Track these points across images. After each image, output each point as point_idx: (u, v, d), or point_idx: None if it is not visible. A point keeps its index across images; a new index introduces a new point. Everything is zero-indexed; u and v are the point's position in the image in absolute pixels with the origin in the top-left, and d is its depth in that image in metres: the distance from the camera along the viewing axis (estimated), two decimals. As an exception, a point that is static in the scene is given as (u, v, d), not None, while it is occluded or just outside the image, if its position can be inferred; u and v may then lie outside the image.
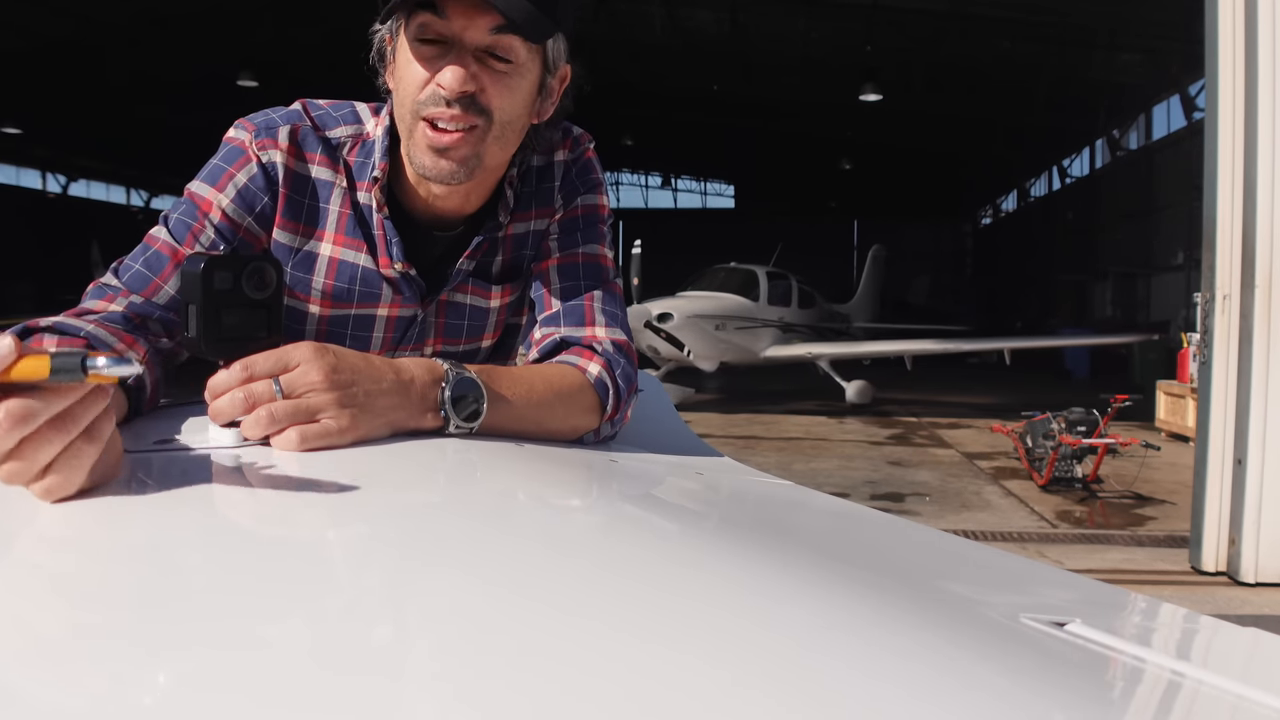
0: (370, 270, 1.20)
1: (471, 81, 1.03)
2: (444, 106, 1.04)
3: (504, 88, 1.06)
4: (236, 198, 1.14)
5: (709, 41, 16.67)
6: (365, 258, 1.19)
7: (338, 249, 1.19)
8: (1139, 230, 18.64)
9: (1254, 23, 4.84)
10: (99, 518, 0.61)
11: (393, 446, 0.86)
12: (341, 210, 1.18)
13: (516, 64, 1.06)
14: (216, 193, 1.14)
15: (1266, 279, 4.88)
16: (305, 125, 1.17)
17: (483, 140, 1.07)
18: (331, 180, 1.18)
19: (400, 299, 1.22)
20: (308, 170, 1.17)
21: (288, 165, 1.15)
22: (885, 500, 7.04)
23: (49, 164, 26.54)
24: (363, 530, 0.64)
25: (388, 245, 1.18)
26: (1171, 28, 11.35)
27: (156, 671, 0.38)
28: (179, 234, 1.13)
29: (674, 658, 0.42)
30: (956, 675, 0.44)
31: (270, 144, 1.14)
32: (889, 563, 0.71)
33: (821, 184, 29.07)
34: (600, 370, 1.14)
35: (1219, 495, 5.02)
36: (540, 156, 1.24)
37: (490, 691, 0.37)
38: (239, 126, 1.16)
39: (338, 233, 1.18)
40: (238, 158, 1.15)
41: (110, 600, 0.47)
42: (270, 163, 1.14)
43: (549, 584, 0.51)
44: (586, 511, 0.76)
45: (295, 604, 0.47)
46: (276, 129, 1.15)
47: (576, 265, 1.23)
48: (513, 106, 1.08)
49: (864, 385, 12.60)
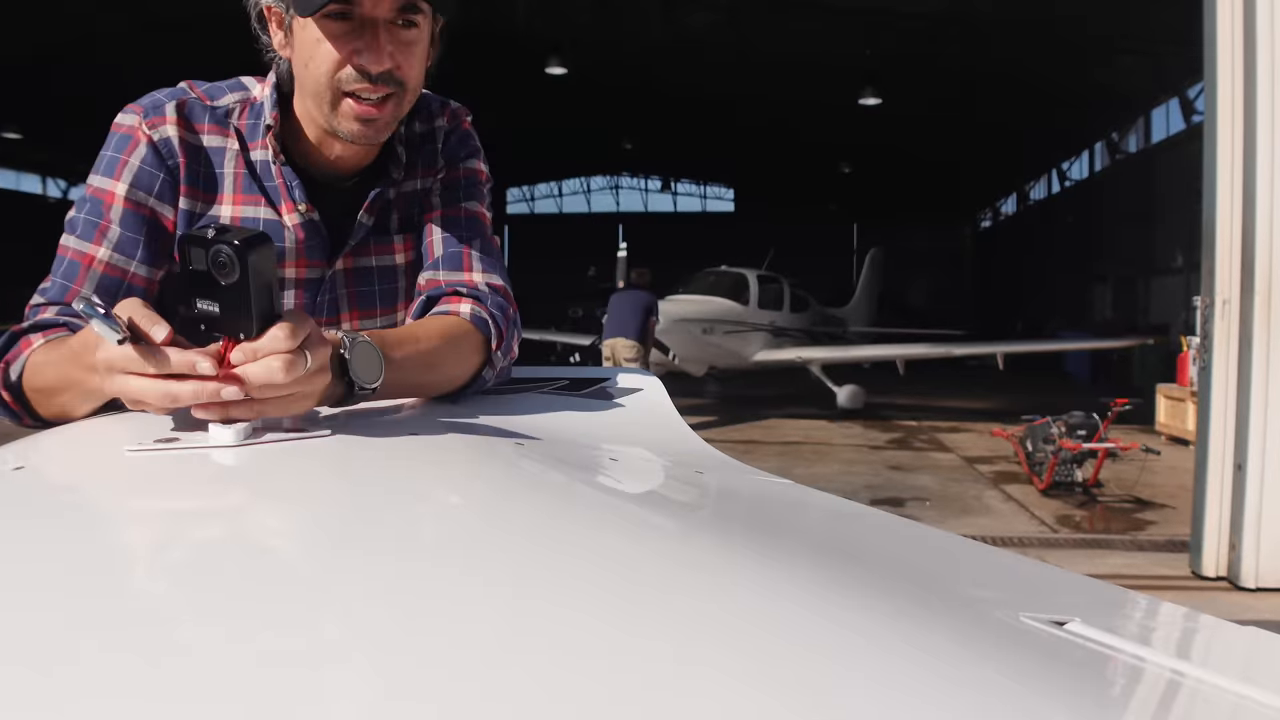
0: (272, 221, 1.22)
1: (389, 59, 1.10)
2: (366, 82, 1.11)
3: (412, 57, 1.14)
4: (134, 182, 1.17)
5: (709, 45, 16.70)
6: (265, 210, 1.22)
7: (236, 208, 1.22)
8: (1138, 233, 18.66)
9: (1253, 26, 4.84)
10: (99, 517, 0.61)
11: (392, 446, 0.86)
12: (236, 171, 1.22)
13: (420, 30, 1.14)
14: (115, 182, 1.17)
15: (1266, 284, 4.88)
16: (191, 98, 1.21)
17: (399, 105, 1.16)
18: (223, 146, 1.22)
19: (305, 253, 1.25)
20: (199, 140, 1.21)
21: (181, 138, 1.18)
22: (886, 505, 7.03)
23: (48, 169, 26.55)
24: (363, 529, 0.64)
25: (289, 190, 1.22)
26: (1170, 31, 11.36)
27: (156, 672, 0.38)
28: (87, 235, 1.16)
29: (675, 657, 0.42)
30: (955, 673, 0.44)
31: (159, 121, 1.18)
32: (889, 561, 0.71)
33: (821, 187, 29.09)
34: (471, 306, 1.21)
35: (1219, 500, 5.02)
36: (421, 124, 1.33)
37: (491, 691, 0.37)
38: (126, 112, 1.19)
39: (235, 193, 1.22)
40: (127, 143, 1.18)
41: (110, 600, 0.47)
42: (163, 139, 1.18)
43: (549, 584, 0.51)
44: (586, 510, 0.76)
45: (295, 604, 0.47)
46: (163, 106, 1.19)
47: (459, 219, 1.31)
48: (419, 72, 1.17)
49: (856, 390, 12.54)
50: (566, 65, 16.36)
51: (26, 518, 0.63)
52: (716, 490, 0.98)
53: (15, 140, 22.08)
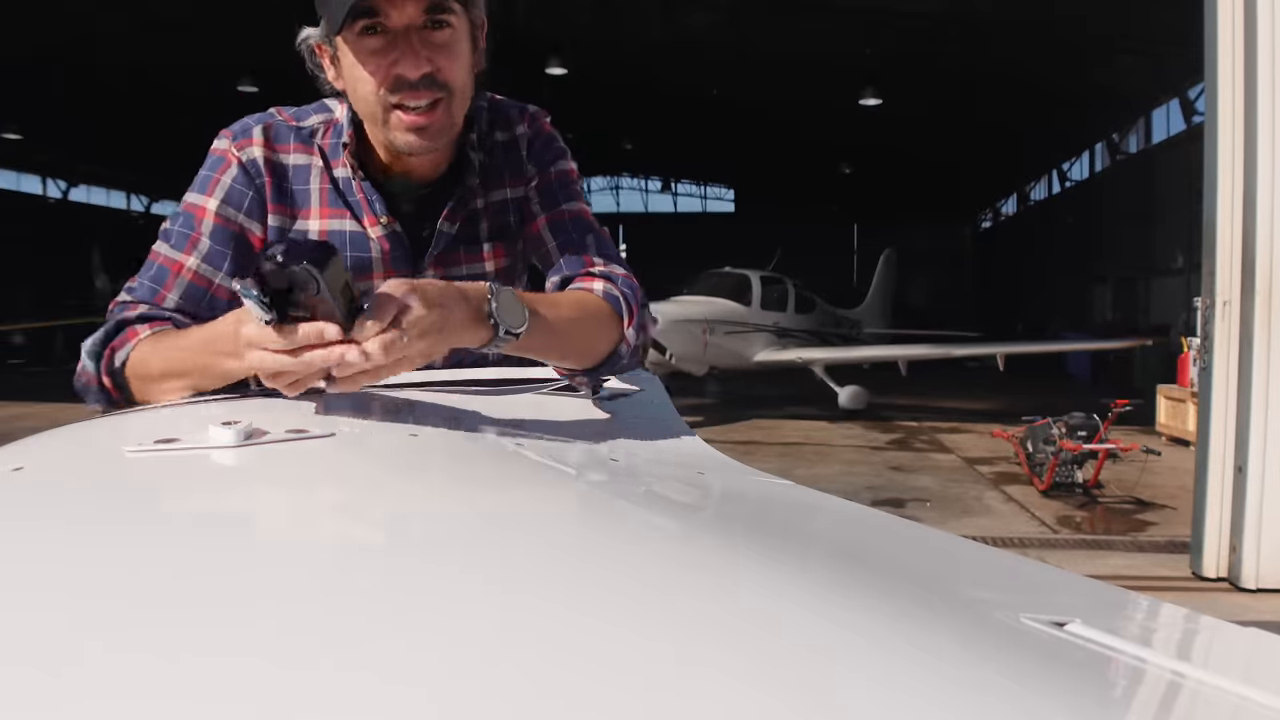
0: (358, 234, 1.30)
1: (427, 63, 1.15)
2: (409, 91, 1.16)
3: (451, 57, 1.18)
4: (225, 199, 1.27)
5: (709, 45, 16.69)
6: (350, 223, 1.30)
7: (324, 221, 1.30)
8: (1139, 234, 18.65)
9: (1253, 27, 4.84)
10: (99, 517, 0.61)
11: (392, 446, 0.86)
12: (321, 187, 1.30)
13: (454, 30, 1.18)
14: (207, 199, 1.27)
15: (1267, 285, 4.88)
16: (277, 120, 1.30)
17: (449, 109, 1.20)
18: (308, 164, 1.30)
19: (390, 263, 1.31)
20: (285, 159, 1.29)
21: (266, 158, 1.28)
22: (886, 506, 7.03)
23: (49, 169, 26.54)
24: (364, 529, 0.64)
25: (370, 204, 1.30)
26: (1170, 31, 11.36)
27: (158, 672, 0.38)
28: (179, 245, 1.26)
29: (676, 658, 0.42)
30: (956, 674, 0.44)
31: (247, 143, 1.28)
32: (890, 562, 0.71)
33: (822, 187, 29.08)
34: (604, 285, 1.27)
35: (1220, 501, 5.02)
36: (503, 132, 1.38)
37: (492, 691, 0.37)
38: (220, 136, 1.30)
39: (321, 207, 1.30)
40: (220, 164, 1.28)
41: (111, 601, 0.47)
42: (250, 160, 1.27)
43: (549, 584, 0.51)
44: (586, 510, 0.76)
45: (296, 604, 0.47)
46: (251, 129, 1.29)
47: (564, 221, 1.36)
48: (462, 70, 1.21)
49: (858, 390, 12.51)
50: (566, 65, 16.35)
51: (26, 518, 0.63)
52: (717, 491, 0.98)
53: (15, 140, 22.09)
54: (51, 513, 0.62)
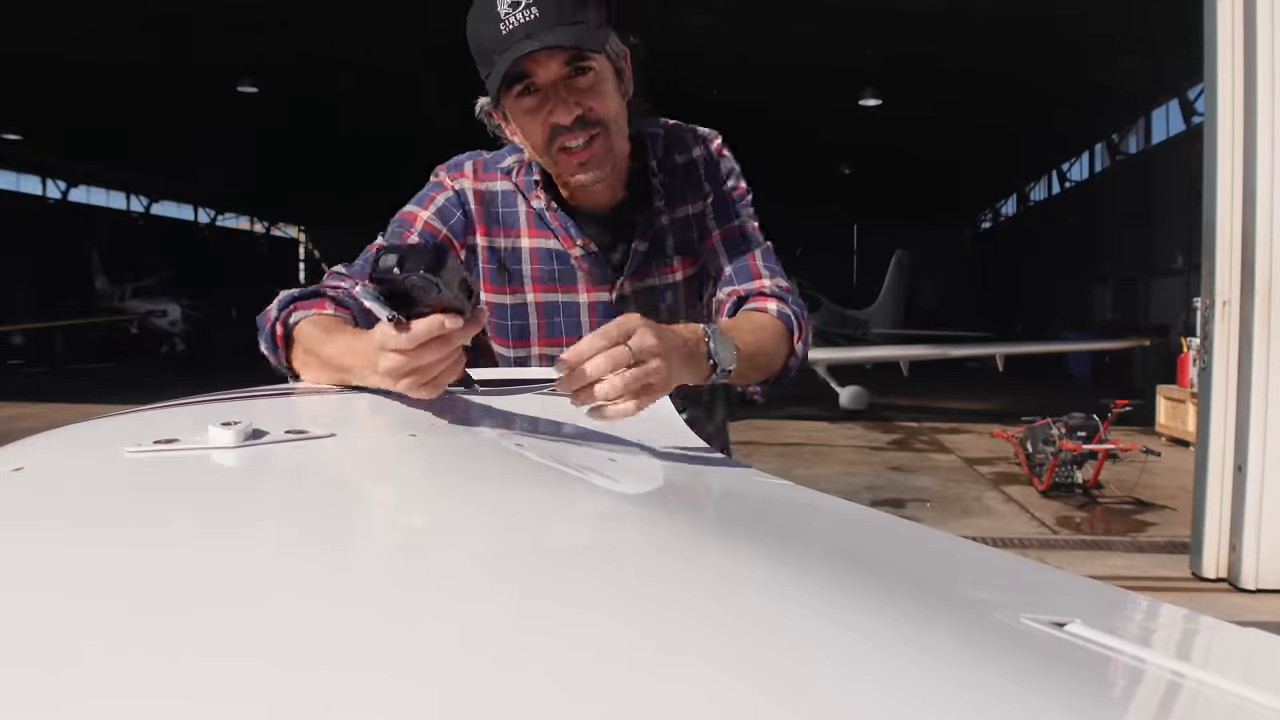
0: (561, 251, 1.49)
1: (576, 107, 1.31)
2: (566, 134, 1.32)
3: (597, 96, 1.33)
4: (436, 212, 1.47)
5: (709, 47, 16.68)
6: (555, 243, 1.49)
7: (533, 240, 1.49)
8: (1138, 234, 18.65)
9: (1253, 28, 4.84)
10: (99, 517, 0.61)
11: (392, 446, 0.86)
12: (527, 211, 1.50)
13: (596, 71, 1.33)
14: (421, 209, 1.47)
15: (1266, 285, 4.88)
16: (484, 157, 1.51)
17: (606, 139, 1.36)
18: (513, 191, 1.50)
19: (592, 280, 1.49)
20: (493, 187, 1.50)
21: (476, 188, 1.49)
22: (886, 506, 7.03)
23: (48, 170, 26.52)
24: (364, 530, 0.64)
25: (566, 230, 1.47)
26: (1170, 31, 11.36)
27: (159, 673, 0.38)
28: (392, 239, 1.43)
29: (676, 658, 0.42)
30: (956, 674, 0.44)
31: (459, 175, 1.50)
32: (890, 562, 0.71)
33: (822, 187, 29.06)
34: (777, 305, 1.43)
35: (1219, 502, 5.02)
36: (681, 155, 1.54)
37: (500, 692, 0.37)
38: (435, 171, 1.52)
39: (530, 228, 1.49)
40: (436, 188, 1.50)
41: (109, 600, 0.47)
42: (460, 189, 1.49)
43: (549, 584, 0.51)
44: (585, 510, 0.76)
45: (296, 605, 0.47)
46: (462, 164, 1.51)
47: (735, 238, 1.54)
48: (612, 104, 1.37)
49: (859, 391, 12.49)
50: (566, 66, 16.34)
51: (26, 518, 0.63)
52: (717, 491, 0.98)
53: (15, 140, 22.08)
54: (51, 513, 0.62)
